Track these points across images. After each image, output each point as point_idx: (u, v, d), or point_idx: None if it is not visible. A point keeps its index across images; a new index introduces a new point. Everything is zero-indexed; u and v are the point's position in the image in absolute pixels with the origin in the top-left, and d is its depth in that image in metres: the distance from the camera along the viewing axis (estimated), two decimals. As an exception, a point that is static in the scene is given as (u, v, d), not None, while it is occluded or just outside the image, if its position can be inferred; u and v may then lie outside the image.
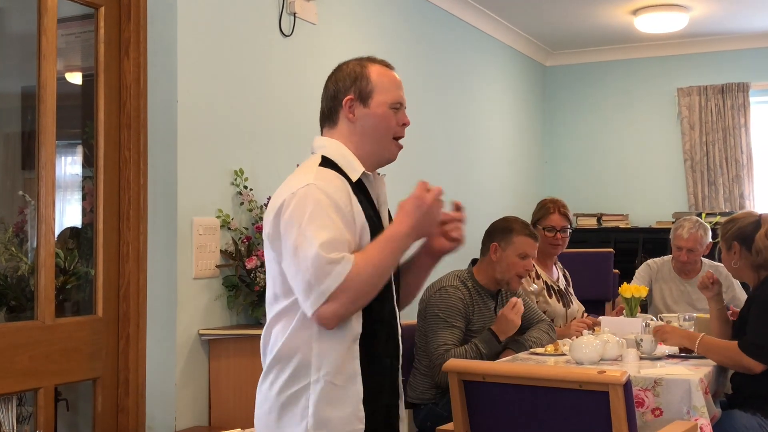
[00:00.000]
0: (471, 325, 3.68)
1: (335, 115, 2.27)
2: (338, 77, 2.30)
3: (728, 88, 7.28)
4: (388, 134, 2.25)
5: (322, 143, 2.26)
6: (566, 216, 4.52)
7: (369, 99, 2.23)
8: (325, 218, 2.03)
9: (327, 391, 2.08)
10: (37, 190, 3.18)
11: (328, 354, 2.08)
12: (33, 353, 3.10)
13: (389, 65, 2.34)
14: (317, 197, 2.04)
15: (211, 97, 3.70)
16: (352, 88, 2.25)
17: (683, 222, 4.81)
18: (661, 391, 3.07)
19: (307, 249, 2.00)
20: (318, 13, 4.41)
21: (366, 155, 2.23)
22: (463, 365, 2.80)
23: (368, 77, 2.26)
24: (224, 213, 3.69)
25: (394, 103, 2.25)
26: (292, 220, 2.04)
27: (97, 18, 3.44)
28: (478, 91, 6.61)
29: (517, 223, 3.82)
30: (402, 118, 2.27)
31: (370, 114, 2.23)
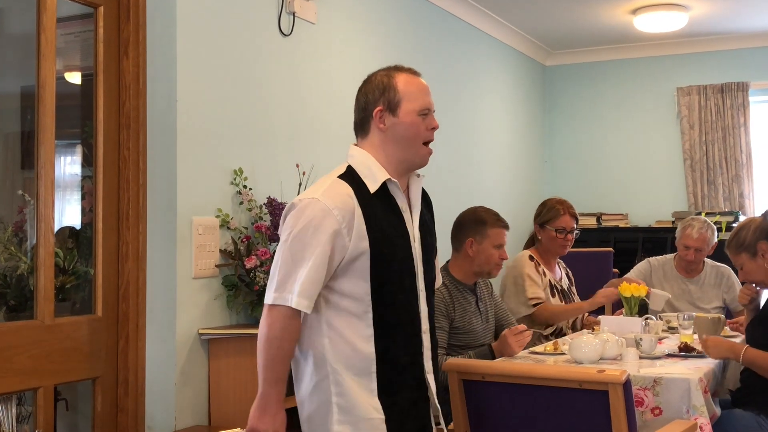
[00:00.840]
0: (455, 323, 3.68)
1: (367, 125, 2.41)
2: (368, 89, 2.43)
3: (728, 87, 7.28)
4: (418, 140, 2.39)
5: (353, 152, 2.41)
6: (575, 217, 4.55)
7: (397, 108, 2.37)
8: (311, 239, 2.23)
9: (345, 381, 2.27)
10: (36, 190, 3.17)
11: (343, 352, 2.28)
12: (32, 353, 3.09)
13: (416, 72, 2.45)
14: (314, 215, 2.23)
15: (211, 96, 3.70)
16: (381, 99, 2.38)
17: (692, 222, 4.81)
18: (660, 390, 3.07)
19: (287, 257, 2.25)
20: (317, 13, 4.41)
21: (398, 162, 2.38)
22: (462, 364, 2.80)
23: (395, 87, 2.38)
24: (224, 212, 3.69)
25: (422, 110, 2.39)
26: (287, 226, 2.28)
27: (96, 17, 3.44)
28: (478, 91, 6.61)
29: (488, 215, 3.82)
30: (431, 123, 2.41)
31: (399, 123, 2.37)
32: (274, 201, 3.82)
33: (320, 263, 2.22)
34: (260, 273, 3.61)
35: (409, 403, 2.33)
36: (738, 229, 3.68)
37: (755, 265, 3.58)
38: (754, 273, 3.60)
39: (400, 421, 2.30)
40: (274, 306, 2.24)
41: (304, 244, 2.22)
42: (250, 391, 3.47)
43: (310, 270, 2.21)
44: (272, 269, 2.28)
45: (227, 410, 3.54)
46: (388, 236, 2.30)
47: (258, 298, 3.66)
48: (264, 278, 3.61)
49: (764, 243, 3.54)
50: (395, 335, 2.31)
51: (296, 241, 2.23)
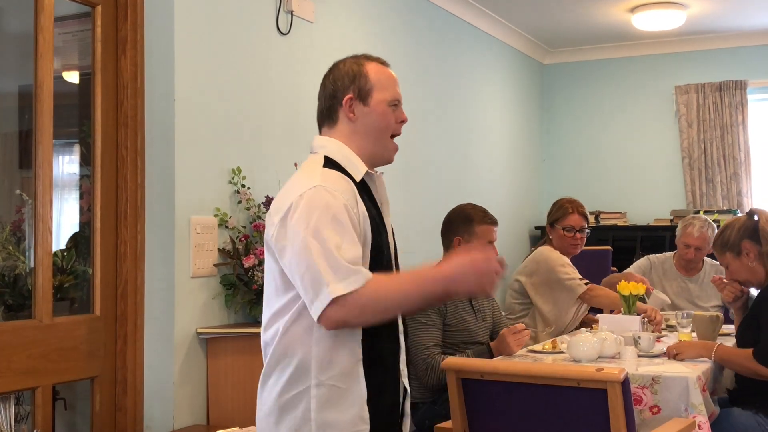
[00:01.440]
0: (447, 319, 3.67)
1: (335, 114, 2.26)
2: (336, 76, 2.28)
3: (726, 85, 7.29)
4: (388, 132, 2.24)
5: (323, 143, 2.25)
6: (584, 216, 4.55)
7: (369, 97, 2.22)
8: (336, 223, 2.00)
9: (329, 395, 2.05)
10: (34, 189, 3.17)
11: (329, 357, 2.05)
12: (31, 352, 3.09)
13: (385, 62, 2.33)
14: (326, 200, 2.02)
15: (209, 95, 3.70)
16: (352, 86, 2.24)
17: (693, 221, 4.81)
18: (659, 388, 3.07)
19: (320, 248, 1.96)
20: (315, 11, 4.41)
21: (366, 155, 2.22)
22: (461, 363, 2.80)
23: (367, 75, 2.25)
24: (222, 211, 3.69)
25: (392, 101, 2.24)
26: (301, 221, 2.01)
27: (93, 16, 3.43)
28: (476, 90, 6.61)
29: (476, 212, 3.79)
30: (400, 115, 2.26)
31: (370, 112, 2.22)
32: (272, 200, 3.81)
33: (354, 239, 2.02)
34: (258, 272, 3.61)
35: (389, 408, 2.19)
36: (723, 228, 3.68)
37: (740, 264, 3.59)
38: (739, 272, 3.62)
39: (381, 429, 2.14)
40: (346, 296, 1.94)
41: (328, 229, 1.98)
42: (248, 390, 3.47)
43: (350, 247, 1.99)
44: (303, 272, 1.98)
45: (226, 409, 3.54)
46: (378, 226, 2.17)
47: (256, 297, 3.65)
48: (262, 277, 3.60)
49: (748, 242, 3.55)
50: (380, 336, 2.14)
51: (320, 229, 1.98)
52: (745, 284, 3.71)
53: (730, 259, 3.62)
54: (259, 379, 2.15)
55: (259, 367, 3.48)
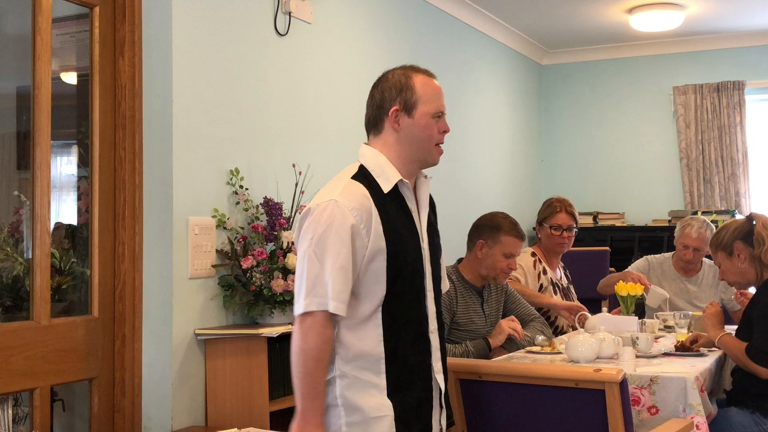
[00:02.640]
0: (456, 318, 3.70)
1: (381, 124, 2.38)
2: (384, 87, 2.39)
3: (724, 86, 7.29)
4: (431, 142, 2.38)
5: (364, 152, 2.39)
6: (573, 215, 4.55)
7: (414, 110, 2.34)
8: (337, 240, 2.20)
9: (352, 383, 2.26)
10: (32, 190, 3.17)
11: (350, 352, 2.26)
12: (28, 353, 3.09)
13: (432, 74, 2.43)
14: (334, 216, 2.21)
15: (206, 96, 3.70)
16: (398, 98, 2.35)
17: (691, 221, 4.83)
18: (657, 389, 3.08)
19: (313, 262, 2.20)
20: (313, 13, 4.41)
21: (408, 162, 2.36)
22: (459, 364, 2.80)
23: (413, 88, 2.35)
24: (220, 213, 3.68)
25: (436, 113, 2.37)
26: (308, 231, 2.24)
27: (91, 18, 3.43)
28: (474, 90, 6.61)
29: (505, 222, 3.81)
30: (443, 126, 2.39)
31: (414, 124, 2.35)
32: (271, 201, 3.81)
33: (347, 264, 2.19)
34: (257, 273, 3.61)
35: (417, 402, 2.31)
36: (720, 228, 3.74)
37: (730, 264, 3.63)
38: (729, 272, 3.66)
39: (408, 421, 2.28)
40: (308, 314, 2.19)
41: (328, 246, 2.19)
42: (246, 392, 3.47)
43: (339, 272, 2.18)
44: (298, 278, 2.23)
45: (224, 410, 3.54)
46: (402, 236, 2.29)
47: (254, 298, 3.66)
48: (261, 278, 3.61)
49: (740, 243, 3.58)
50: (404, 335, 2.30)
51: (320, 245, 2.20)
52: (734, 284, 3.76)
53: (722, 259, 3.67)
54: None
55: (257, 367, 3.50)
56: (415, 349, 2.32)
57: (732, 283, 3.77)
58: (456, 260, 3.90)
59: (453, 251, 3.97)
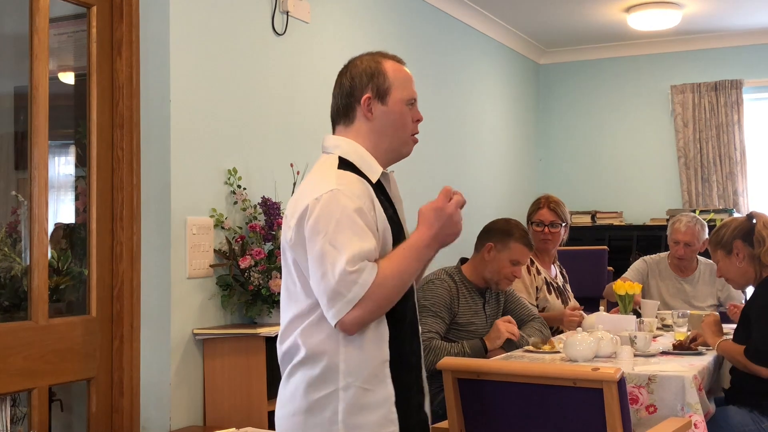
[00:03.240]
0: (457, 318, 3.70)
1: (352, 113, 2.20)
2: (354, 73, 2.23)
3: (721, 85, 7.29)
4: (406, 131, 2.22)
5: (337, 143, 2.20)
6: (555, 211, 4.52)
7: (387, 96, 2.19)
8: (353, 226, 1.99)
9: (358, 397, 2.05)
10: (29, 191, 3.17)
11: (358, 359, 2.05)
12: (27, 354, 3.09)
13: (401, 60, 2.30)
14: (343, 204, 2.00)
15: (204, 96, 3.70)
16: (370, 85, 2.20)
17: (680, 217, 4.85)
18: (655, 387, 3.08)
19: (336, 258, 1.96)
20: (311, 12, 4.41)
21: (383, 153, 2.20)
22: (457, 363, 2.80)
23: (385, 74, 2.22)
24: (218, 212, 3.68)
25: (409, 100, 2.23)
26: (318, 227, 2.00)
27: (89, 17, 3.43)
28: (472, 90, 6.61)
29: (517, 230, 3.83)
30: (416, 114, 2.24)
31: (388, 112, 2.19)
32: (269, 201, 3.81)
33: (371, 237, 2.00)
34: (255, 273, 3.61)
35: (417, 407, 2.22)
36: (720, 226, 3.72)
37: (729, 263, 3.63)
38: (727, 270, 3.66)
39: (410, 428, 2.17)
40: (359, 269, 1.95)
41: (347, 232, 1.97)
42: (244, 391, 3.47)
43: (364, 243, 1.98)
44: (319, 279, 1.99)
45: (222, 410, 3.54)
46: (396, 226, 2.18)
47: (252, 298, 3.66)
48: (259, 278, 3.61)
49: (740, 242, 3.57)
50: (403, 335, 2.16)
51: (338, 233, 1.98)
52: (731, 283, 3.76)
53: (721, 257, 3.66)
54: (281, 379, 2.14)
55: (255, 367, 3.49)
56: (412, 349, 2.22)
57: (730, 281, 3.77)
58: (458, 260, 3.90)
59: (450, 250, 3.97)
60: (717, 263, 3.73)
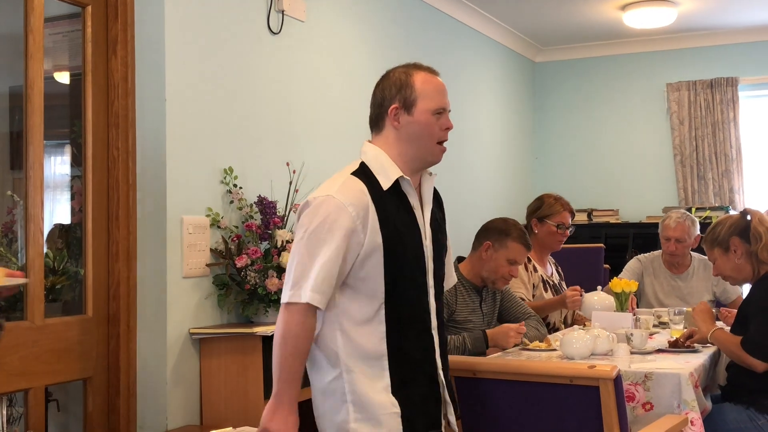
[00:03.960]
0: (455, 315, 3.71)
1: (381, 122, 2.41)
2: (384, 85, 2.42)
3: (717, 82, 7.30)
4: (432, 140, 2.40)
5: (365, 149, 2.42)
6: (573, 214, 4.62)
7: (413, 107, 2.37)
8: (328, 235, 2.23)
9: (359, 379, 2.28)
10: (25, 190, 3.16)
11: (354, 348, 2.29)
12: (23, 354, 3.08)
13: (434, 71, 2.47)
14: (329, 212, 2.24)
15: (200, 95, 3.69)
16: (397, 96, 2.37)
17: (671, 213, 4.88)
18: (651, 385, 3.08)
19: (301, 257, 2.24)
20: (306, 11, 4.41)
21: (410, 159, 2.38)
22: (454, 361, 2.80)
23: (413, 86, 2.38)
24: (214, 211, 3.68)
25: (437, 109, 2.40)
26: (302, 224, 2.28)
27: (84, 17, 3.42)
28: (468, 88, 6.61)
29: (515, 229, 3.84)
30: (445, 123, 2.42)
31: (413, 121, 2.37)
32: (265, 200, 3.81)
33: (334, 260, 2.22)
34: (251, 272, 3.60)
35: (421, 398, 2.34)
36: (715, 224, 3.73)
37: (726, 260, 3.64)
38: (725, 268, 3.67)
39: (413, 417, 2.31)
40: (290, 304, 2.23)
41: (319, 241, 2.23)
42: (241, 390, 3.47)
43: (324, 266, 2.21)
44: (288, 268, 2.28)
45: (219, 410, 3.53)
46: (401, 233, 2.31)
47: (249, 297, 3.65)
48: (255, 277, 3.60)
49: (737, 239, 3.59)
50: (407, 332, 2.33)
51: (312, 239, 2.24)
52: (729, 280, 3.76)
53: (718, 255, 3.67)
54: None
55: (252, 366, 3.50)
56: (418, 345, 2.35)
57: (727, 279, 3.78)
58: (455, 258, 3.91)
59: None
60: (713, 262, 3.73)
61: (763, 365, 3.32)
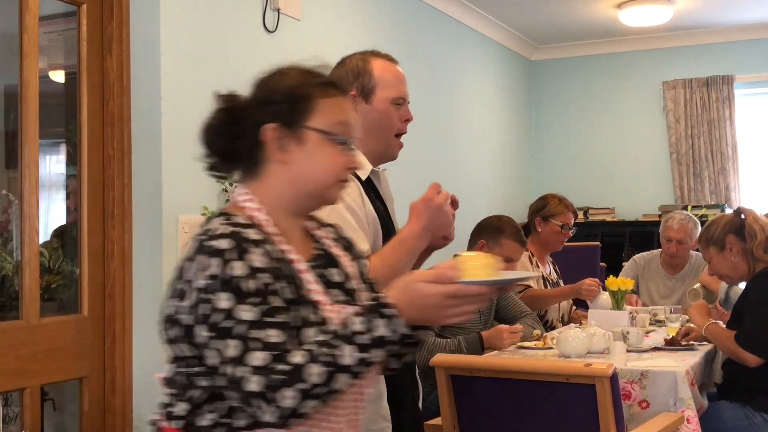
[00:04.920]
0: None
1: None
2: (341, 72, 2.25)
3: (713, 80, 7.31)
4: (391, 131, 2.23)
5: None
6: (576, 215, 4.64)
7: (371, 95, 2.21)
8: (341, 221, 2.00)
9: None
10: (20, 189, 3.15)
11: None
12: (18, 353, 3.08)
13: (393, 59, 2.31)
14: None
15: (195, 93, 3.68)
16: (355, 83, 2.22)
17: (673, 215, 4.88)
18: (647, 383, 3.08)
19: None
20: (302, 9, 4.40)
21: (369, 152, 2.21)
22: (450, 360, 2.80)
23: (371, 73, 2.24)
24: (210, 210, 3.67)
25: (396, 99, 2.23)
26: None
27: (79, 15, 3.42)
28: (464, 86, 6.61)
29: (509, 226, 3.83)
30: (404, 114, 2.25)
31: (372, 110, 2.21)
32: (261, 198, 3.80)
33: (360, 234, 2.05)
34: (247, 270, 3.60)
35: (412, 402, 2.28)
36: (709, 224, 3.75)
37: (722, 259, 3.64)
38: (721, 266, 3.67)
39: (402, 423, 2.22)
40: None
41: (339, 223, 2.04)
42: (238, 389, 3.46)
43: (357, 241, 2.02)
44: None
45: (215, 408, 3.53)
46: (387, 223, 2.23)
47: (245, 296, 3.64)
48: (251, 276, 3.59)
49: (732, 237, 3.59)
50: None
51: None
52: (725, 279, 3.77)
53: (714, 254, 3.67)
54: None
55: (248, 365, 3.47)
56: None
57: (723, 278, 3.78)
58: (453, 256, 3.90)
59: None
60: (709, 261, 3.73)
61: (755, 359, 3.33)
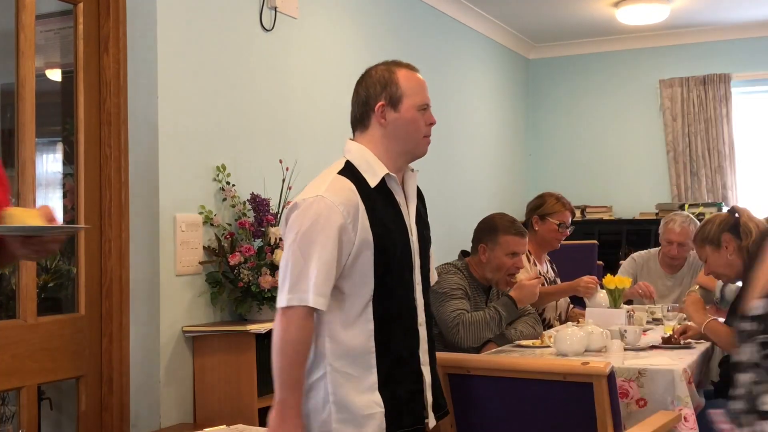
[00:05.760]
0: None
1: (367, 120, 2.41)
2: (368, 83, 2.41)
3: (710, 79, 7.31)
4: (419, 134, 2.41)
5: (350, 147, 2.41)
6: (574, 214, 4.65)
7: (399, 104, 2.38)
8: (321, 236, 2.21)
9: (343, 380, 2.27)
10: (17, 188, 3.15)
11: (341, 347, 2.28)
12: (15, 352, 3.07)
13: (414, 68, 2.47)
14: (320, 212, 2.23)
15: (192, 92, 3.68)
16: (383, 94, 2.38)
17: (674, 216, 4.87)
18: (645, 381, 3.08)
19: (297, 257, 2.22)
20: (299, 7, 4.40)
21: (397, 155, 2.40)
22: (447, 358, 2.80)
23: (397, 83, 2.39)
24: (207, 209, 3.67)
25: (421, 105, 2.41)
26: (293, 226, 2.26)
27: (75, 14, 3.41)
28: (461, 85, 6.61)
29: (502, 222, 3.83)
30: (429, 118, 2.43)
31: (400, 118, 2.38)
32: (258, 197, 3.80)
33: (331, 259, 2.21)
34: (244, 269, 3.60)
35: (408, 395, 2.34)
36: (704, 223, 3.75)
37: (718, 257, 3.64)
38: (717, 265, 3.67)
39: (399, 414, 2.31)
40: (289, 308, 2.21)
41: (312, 242, 2.21)
42: (234, 388, 3.46)
43: (322, 267, 2.20)
44: (282, 272, 2.25)
45: (212, 407, 3.53)
46: (389, 230, 2.32)
47: (242, 295, 3.65)
48: (248, 275, 3.60)
49: (728, 235, 3.59)
50: (394, 328, 2.33)
51: (304, 240, 2.22)
52: (722, 277, 3.76)
53: (709, 252, 3.67)
54: None
55: (245, 364, 3.49)
56: (406, 342, 2.36)
57: (719, 276, 3.78)
58: (460, 252, 3.92)
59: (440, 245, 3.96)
60: (705, 260, 3.74)
61: None
